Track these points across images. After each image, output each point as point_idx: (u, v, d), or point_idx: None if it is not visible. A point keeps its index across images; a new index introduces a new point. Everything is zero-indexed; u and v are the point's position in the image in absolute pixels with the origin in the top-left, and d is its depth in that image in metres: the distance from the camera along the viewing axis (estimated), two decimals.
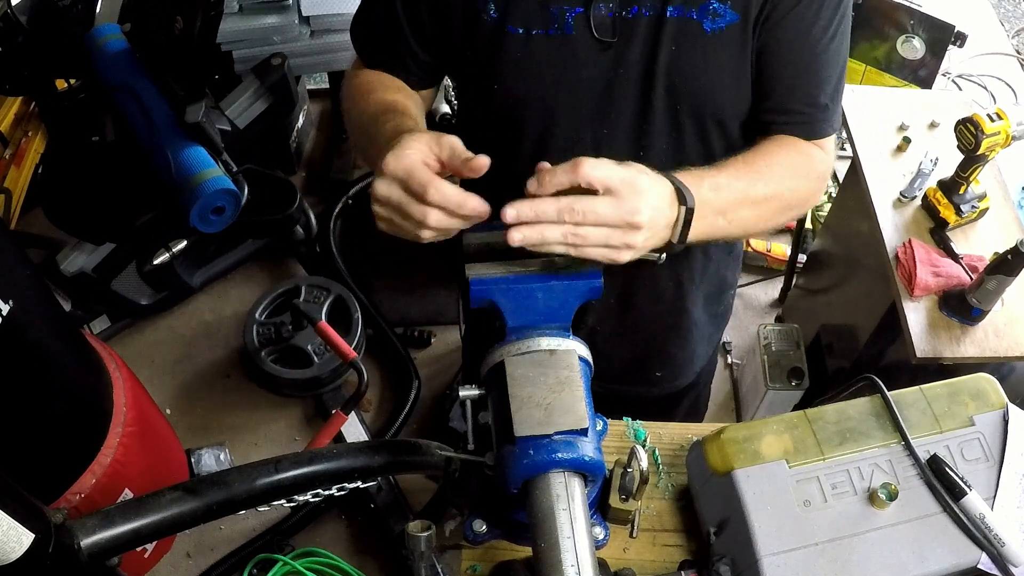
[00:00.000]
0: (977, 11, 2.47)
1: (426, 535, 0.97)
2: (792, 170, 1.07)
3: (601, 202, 0.84)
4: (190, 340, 2.72)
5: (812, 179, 1.10)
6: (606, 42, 1.02)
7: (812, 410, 1.09)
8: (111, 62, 2.25)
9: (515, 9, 1.02)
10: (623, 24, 1.01)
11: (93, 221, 2.23)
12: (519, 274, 0.96)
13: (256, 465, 0.97)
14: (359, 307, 2.55)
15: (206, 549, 2.28)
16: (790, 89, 1.07)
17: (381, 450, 1.06)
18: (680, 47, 1.02)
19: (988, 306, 1.64)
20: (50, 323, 1.68)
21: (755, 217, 1.03)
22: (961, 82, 2.35)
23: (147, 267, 2.38)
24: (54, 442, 1.71)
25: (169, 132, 2.12)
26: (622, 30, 1.02)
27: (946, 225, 1.79)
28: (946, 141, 1.83)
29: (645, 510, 1.16)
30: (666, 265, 1.20)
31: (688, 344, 1.42)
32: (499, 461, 0.88)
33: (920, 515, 1.00)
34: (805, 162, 1.09)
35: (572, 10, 1.01)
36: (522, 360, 0.90)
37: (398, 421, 2.49)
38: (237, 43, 2.42)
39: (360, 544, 2.30)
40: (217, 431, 2.52)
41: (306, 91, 3.20)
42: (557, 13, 1.02)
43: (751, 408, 2.41)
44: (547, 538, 0.82)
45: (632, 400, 1.58)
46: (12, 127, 2.70)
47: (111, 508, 0.88)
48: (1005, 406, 1.09)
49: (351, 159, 3.11)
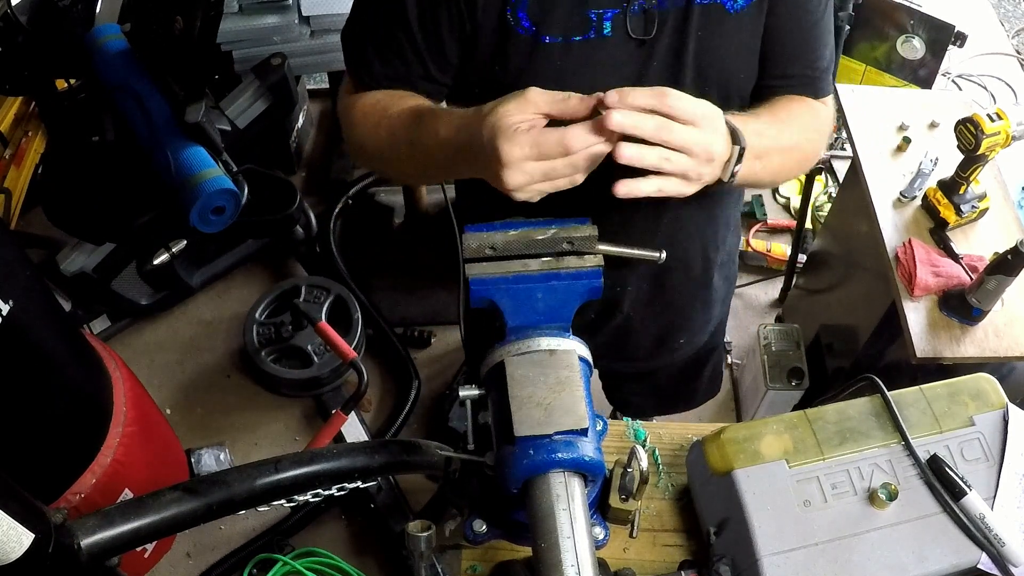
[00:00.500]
0: (977, 11, 2.47)
1: (426, 535, 0.97)
2: (807, 124, 1.14)
3: (690, 130, 0.88)
4: (190, 340, 2.72)
5: (821, 133, 1.18)
6: (640, 40, 1.02)
7: (812, 410, 1.09)
8: (111, 62, 2.25)
9: (551, 19, 1.01)
10: (654, 18, 1.02)
11: (93, 221, 2.23)
12: (519, 274, 0.96)
13: (256, 465, 0.96)
14: (359, 307, 2.55)
15: (206, 549, 2.28)
16: (795, 55, 1.11)
17: (381, 450, 1.06)
18: (707, 32, 1.03)
19: (988, 306, 1.64)
20: (50, 323, 1.68)
21: (780, 165, 1.09)
22: (961, 82, 2.35)
23: (147, 267, 2.38)
24: (54, 442, 1.71)
25: (169, 132, 2.12)
26: (655, 25, 1.02)
27: (946, 225, 1.79)
28: (946, 141, 1.83)
29: (645, 510, 1.16)
30: (695, 238, 1.26)
31: (709, 309, 1.46)
32: (499, 461, 0.88)
33: (920, 515, 1.00)
34: (814, 116, 1.16)
35: (608, 11, 1.01)
36: (522, 360, 0.90)
37: (398, 421, 2.49)
38: (237, 43, 2.42)
39: (360, 544, 2.30)
40: (217, 431, 2.52)
41: (306, 91, 3.20)
42: (595, 17, 1.01)
43: (751, 408, 2.41)
44: (547, 538, 0.82)
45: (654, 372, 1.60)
46: (12, 127, 2.70)
47: (111, 508, 0.88)
48: (1005, 406, 1.09)
49: (351, 159, 3.12)
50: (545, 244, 0.99)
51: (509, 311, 0.95)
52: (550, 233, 0.99)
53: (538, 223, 1.00)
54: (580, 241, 0.99)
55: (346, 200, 2.94)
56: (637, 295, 1.32)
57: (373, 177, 3.01)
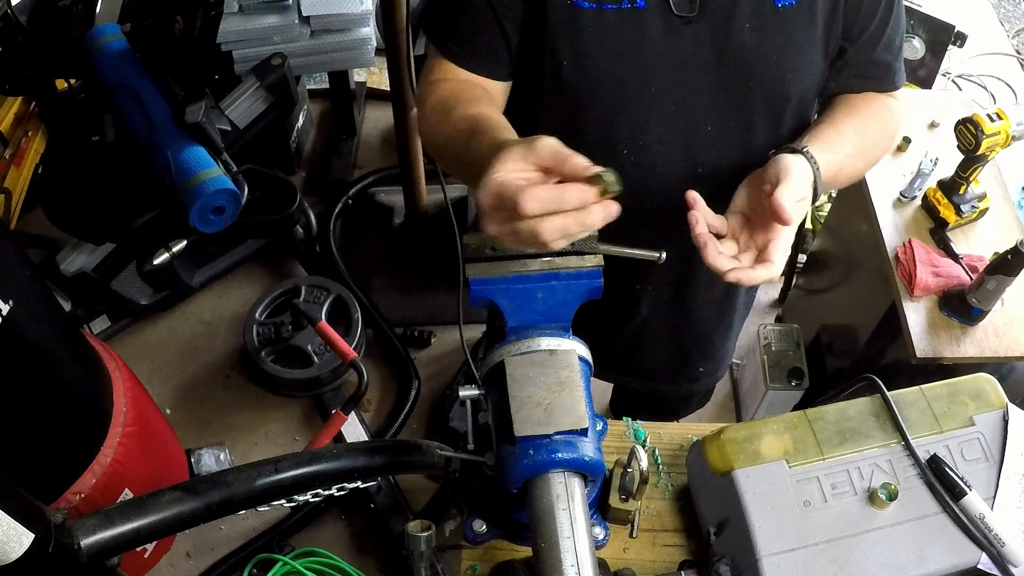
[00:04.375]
0: (977, 11, 2.47)
1: (426, 535, 0.97)
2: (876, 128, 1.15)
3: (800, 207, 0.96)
4: (190, 340, 2.72)
5: (890, 133, 1.19)
6: (684, 17, 1.01)
7: (812, 410, 1.09)
8: (111, 62, 2.25)
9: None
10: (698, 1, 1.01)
11: (93, 221, 2.23)
12: (519, 274, 0.96)
13: (256, 465, 0.97)
14: (359, 307, 2.55)
15: (206, 549, 2.29)
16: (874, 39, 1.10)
17: (381, 450, 1.06)
18: (753, 23, 1.02)
19: (988, 306, 1.64)
20: (50, 323, 1.68)
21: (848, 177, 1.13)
22: (961, 82, 2.35)
23: (147, 267, 2.38)
24: (54, 442, 1.71)
25: (169, 132, 2.12)
26: (699, 6, 1.01)
27: (946, 225, 1.79)
28: (946, 141, 1.83)
29: (645, 510, 1.16)
30: None
31: (731, 333, 1.46)
32: (499, 461, 0.88)
33: (920, 515, 1.00)
34: (886, 117, 1.17)
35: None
36: (522, 360, 0.90)
37: (398, 421, 2.49)
38: (237, 43, 2.42)
39: (360, 544, 2.30)
40: (217, 431, 2.52)
41: (306, 91, 3.20)
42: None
43: (751, 408, 2.41)
44: (547, 538, 0.82)
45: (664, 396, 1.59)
46: (12, 127, 2.70)
47: (111, 508, 0.88)
48: (1005, 406, 1.09)
49: (351, 159, 3.12)
50: None
51: (509, 311, 0.95)
52: None
53: None
54: (580, 241, 0.99)
55: (346, 200, 2.94)
56: (657, 299, 1.31)
57: (373, 177, 3.01)
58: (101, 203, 2.22)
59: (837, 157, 1.05)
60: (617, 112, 1.08)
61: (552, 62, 1.06)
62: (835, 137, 1.08)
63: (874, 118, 1.15)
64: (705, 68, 1.04)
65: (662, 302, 1.32)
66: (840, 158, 1.06)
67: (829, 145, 1.05)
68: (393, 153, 2.78)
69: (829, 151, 1.04)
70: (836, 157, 1.05)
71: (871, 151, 1.15)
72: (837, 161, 1.05)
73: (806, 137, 1.06)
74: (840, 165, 1.07)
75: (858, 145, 1.11)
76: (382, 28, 2.29)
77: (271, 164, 2.55)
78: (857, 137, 1.11)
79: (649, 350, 1.41)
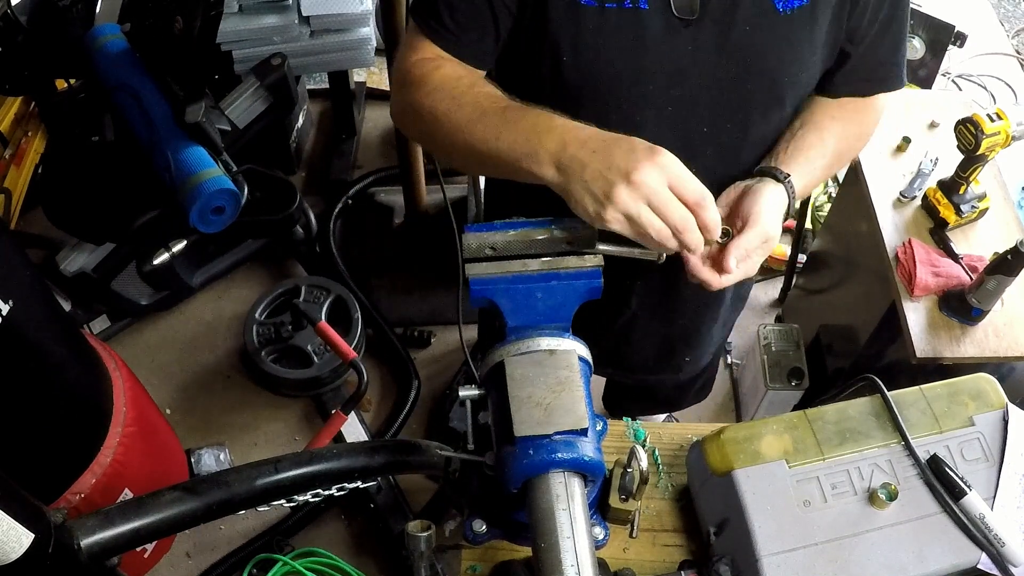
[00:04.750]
0: (977, 11, 2.47)
1: (426, 535, 0.97)
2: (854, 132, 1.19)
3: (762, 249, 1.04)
4: (190, 340, 2.72)
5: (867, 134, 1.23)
6: (683, 20, 1.01)
7: (812, 410, 1.09)
8: (111, 62, 2.25)
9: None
10: (699, 3, 1.01)
11: (93, 221, 2.23)
12: (519, 274, 0.96)
13: (256, 465, 0.96)
14: (359, 307, 2.55)
15: (206, 549, 2.28)
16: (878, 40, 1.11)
17: (381, 450, 1.06)
18: (753, 27, 1.02)
19: (988, 306, 1.64)
20: (50, 323, 1.68)
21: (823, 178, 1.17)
22: (961, 82, 2.35)
23: (147, 267, 2.38)
24: (54, 442, 1.71)
25: (169, 132, 2.12)
26: (699, 8, 1.01)
27: (946, 225, 1.79)
28: (946, 141, 1.83)
29: (645, 510, 1.16)
30: None
31: (717, 326, 1.46)
32: (499, 461, 0.88)
33: (920, 515, 1.00)
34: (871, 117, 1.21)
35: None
36: (522, 360, 0.90)
37: (398, 421, 2.49)
38: (237, 43, 2.42)
39: (360, 544, 2.30)
40: (217, 431, 2.52)
41: (306, 91, 3.20)
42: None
43: (751, 408, 2.41)
44: (547, 538, 0.82)
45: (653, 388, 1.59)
46: (12, 127, 2.70)
47: (111, 508, 0.88)
48: (1005, 406, 1.09)
49: (351, 159, 3.12)
50: (545, 244, 0.99)
51: (509, 311, 0.95)
52: (550, 233, 0.99)
53: (538, 223, 1.00)
54: (580, 241, 0.99)
55: (346, 200, 2.94)
56: (648, 292, 1.31)
57: (373, 177, 3.01)
58: (101, 203, 2.22)
59: (815, 174, 1.12)
60: (614, 110, 1.08)
61: (552, 58, 1.06)
62: (817, 148, 1.12)
63: (860, 123, 1.19)
64: (703, 70, 1.05)
65: (652, 298, 1.33)
66: (818, 173, 1.13)
67: (809, 160, 1.10)
68: (393, 153, 2.78)
69: (808, 164, 1.10)
70: (814, 174, 1.12)
71: (847, 153, 1.20)
72: (814, 179, 1.12)
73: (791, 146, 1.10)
74: (817, 180, 1.14)
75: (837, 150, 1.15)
76: (382, 28, 2.29)
77: (271, 164, 2.55)
78: (842, 143, 1.15)
79: (637, 344, 1.42)
